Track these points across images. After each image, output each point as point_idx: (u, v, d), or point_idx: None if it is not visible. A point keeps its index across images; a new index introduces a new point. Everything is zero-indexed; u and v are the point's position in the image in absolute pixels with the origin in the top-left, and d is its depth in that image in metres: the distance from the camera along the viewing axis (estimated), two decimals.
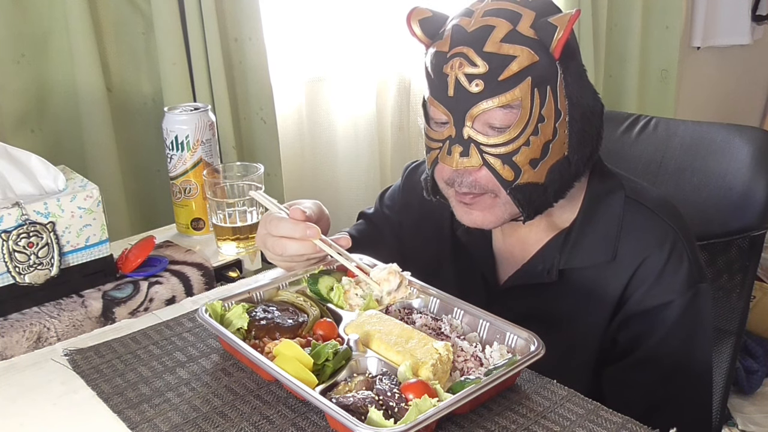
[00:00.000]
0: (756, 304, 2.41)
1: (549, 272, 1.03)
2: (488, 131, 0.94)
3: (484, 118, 0.94)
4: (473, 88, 0.92)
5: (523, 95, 0.92)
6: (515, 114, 0.93)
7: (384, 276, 0.94)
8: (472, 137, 0.94)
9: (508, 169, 0.94)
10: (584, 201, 1.05)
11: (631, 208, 1.03)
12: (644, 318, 1.00)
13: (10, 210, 1.00)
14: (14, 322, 0.99)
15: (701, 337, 1.02)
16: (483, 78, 0.92)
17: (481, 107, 0.93)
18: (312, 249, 0.99)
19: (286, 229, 1.00)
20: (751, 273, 1.27)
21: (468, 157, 0.95)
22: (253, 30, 1.61)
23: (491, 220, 1.00)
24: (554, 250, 1.04)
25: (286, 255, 1.01)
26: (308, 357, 0.79)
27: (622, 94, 2.56)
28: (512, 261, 1.10)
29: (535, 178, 0.96)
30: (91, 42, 1.42)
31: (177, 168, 1.29)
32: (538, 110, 0.93)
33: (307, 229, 0.98)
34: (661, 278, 0.99)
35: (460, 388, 0.75)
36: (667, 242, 1.00)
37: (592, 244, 1.02)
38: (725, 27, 3.00)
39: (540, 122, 0.93)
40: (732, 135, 1.26)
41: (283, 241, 1.00)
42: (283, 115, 1.80)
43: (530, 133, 0.93)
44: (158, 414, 0.79)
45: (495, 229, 1.11)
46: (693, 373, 1.02)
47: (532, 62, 0.92)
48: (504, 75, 0.91)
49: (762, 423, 2.26)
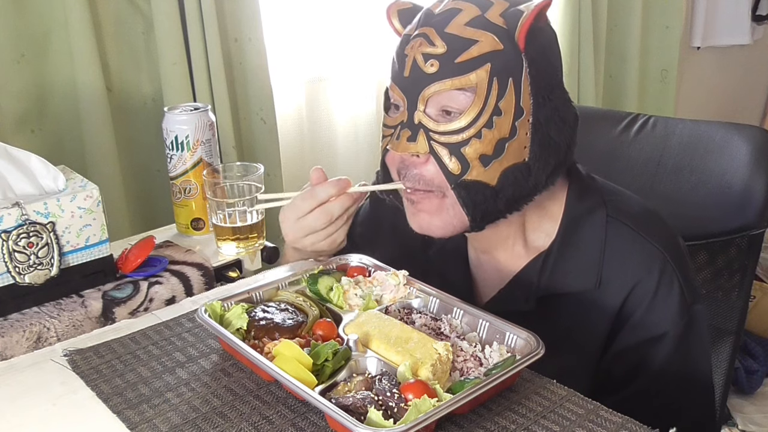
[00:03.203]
0: (755, 304, 2.41)
1: (527, 300, 0.98)
2: (439, 118, 0.90)
3: (437, 100, 0.89)
4: (429, 68, 0.88)
5: (479, 81, 0.87)
6: (468, 99, 0.88)
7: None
8: (423, 122, 0.90)
9: (455, 161, 0.89)
10: (563, 221, 0.99)
11: (613, 230, 0.97)
12: (639, 350, 0.96)
13: (10, 210, 1.00)
14: (14, 322, 0.99)
15: (699, 360, 0.99)
16: (439, 58, 0.88)
17: (432, 89, 0.89)
18: (350, 200, 1.00)
19: (321, 195, 0.99)
20: (750, 272, 1.27)
21: (415, 142, 0.90)
22: (253, 30, 1.61)
23: (438, 225, 0.94)
24: (532, 274, 0.99)
25: (334, 217, 1.00)
26: (308, 357, 0.79)
27: (622, 94, 2.56)
28: (489, 285, 1.05)
29: (485, 177, 0.90)
30: (91, 42, 1.43)
31: (177, 168, 1.29)
32: (495, 101, 0.88)
33: (339, 182, 0.99)
34: (652, 307, 0.95)
35: (460, 388, 0.75)
36: (656, 266, 0.95)
37: (573, 269, 0.97)
38: (725, 27, 3.00)
39: (496, 114, 0.88)
40: (730, 134, 1.26)
41: (324, 207, 0.99)
42: (283, 115, 1.80)
43: (483, 124, 0.88)
44: (158, 414, 0.79)
45: (469, 249, 1.08)
46: (694, 395, 0.99)
47: (494, 49, 0.88)
48: (462, 57, 0.87)
49: (762, 423, 2.26)
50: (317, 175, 1.02)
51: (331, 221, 1.01)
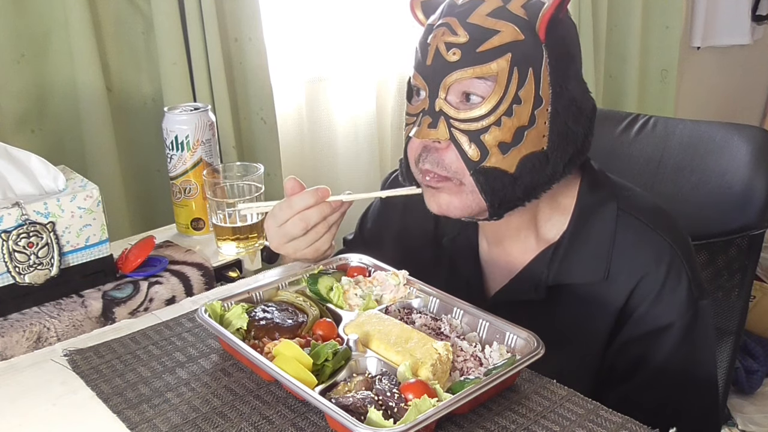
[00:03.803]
0: (755, 304, 2.41)
1: (537, 288, 1.00)
2: (460, 105, 0.91)
3: (458, 88, 0.91)
4: (451, 56, 0.90)
5: (500, 70, 0.89)
6: (489, 87, 0.89)
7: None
8: (443, 109, 0.91)
9: (475, 148, 0.91)
10: (574, 213, 1.00)
11: (623, 223, 0.98)
12: (643, 342, 0.97)
13: (10, 210, 1.00)
14: (14, 322, 1.00)
15: (704, 355, 0.99)
16: (461, 47, 0.90)
17: (454, 76, 0.90)
18: (329, 209, 1.01)
19: (298, 204, 1.00)
20: (750, 272, 1.27)
21: (435, 128, 0.92)
22: (253, 30, 1.61)
23: (456, 206, 0.95)
24: (542, 264, 1.00)
25: (310, 225, 1.01)
26: (308, 357, 0.79)
27: (622, 94, 2.56)
28: (499, 274, 1.06)
29: (504, 165, 0.91)
30: (91, 42, 1.42)
31: (177, 168, 1.29)
32: (515, 89, 0.90)
33: (316, 191, 1.00)
34: (659, 299, 0.96)
35: (460, 388, 0.75)
36: (664, 260, 0.96)
37: (583, 260, 0.98)
38: (725, 27, 3.00)
39: (516, 103, 0.90)
40: (731, 134, 1.26)
41: (302, 214, 1.00)
42: (283, 115, 1.80)
43: (503, 112, 0.90)
44: (158, 414, 0.79)
45: (480, 240, 1.09)
46: (698, 391, 0.99)
47: (515, 39, 0.89)
48: (484, 47, 0.89)
49: (762, 423, 2.26)
50: (291, 185, 1.03)
51: (308, 228, 1.02)
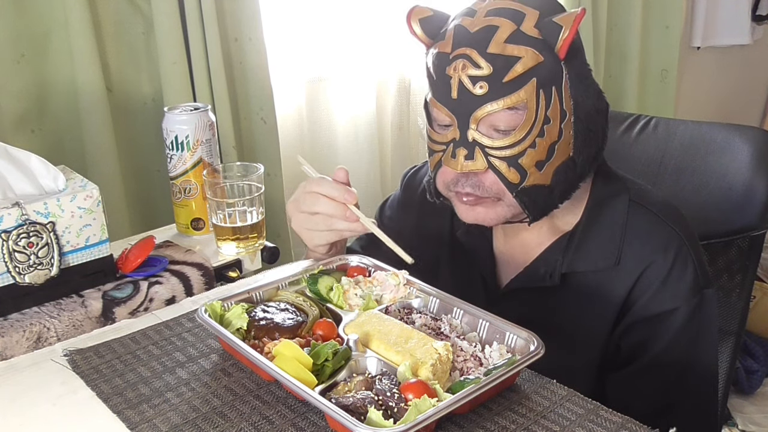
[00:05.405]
0: (756, 304, 2.41)
1: (551, 276, 1.02)
2: (493, 134, 0.93)
3: (489, 121, 0.93)
4: (477, 90, 0.91)
5: (528, 97, 0.91)
6: (521, 116, 0.92)
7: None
8: (477, 140, 0.93)
9: (514, 171, 0.93)
10: (588, 204, 1.04)
11: (635, 213, 1.02)
12: (649, 325, 0.99)
13: (10, 210, 1.00)
14: (14, 322, 0.99)
15: (706, 343, 1.01)
16: (487, 80, 0.91)
17: (486, 110, 0.91)
18: (341, 212, 1.00)
19: (326, 188, 1.01)
20: (751, 273, 1.27)
21: (473, 160, 0.94)
22: (253, 30, 1.61)
23: (492, 218, 0.99)
24: (556, 253, 1.03)
25: (314, 210, 1.01)
26: (308, 357, 0.79)
27: (622, 94, 2.56)
28: (513, 264, 1.09)
29: (541, 180, 0.95)
30: (91, 42, 1.42)
31: (177, 168, 1.29)
32: (544, 112, 0.92)
33: (346, 192, 1.00)
34: (666, 284, 0.98)
35: (460, 388, 0.75)
36: (672, 247, 0.99)
37: (595, 249, 1.01)
38: (725, 27, 3.00)
39: (546, 124, 0.92)
40: (732, 135, 1.26)
41: (319, 197, 1.01)
42: (283, 115, 1.80)
43: (536, 135, 0.92)
44: (158, 414, 0.79)
45: (496, 231, 1.11)
46: (698, 380, 1.00)
47: (537, 63, 0.91)
48: (509, 77, 0.90)
49: (762, 423, 2.26)
50: (339, 173, 1.04)
51: (313, 211, 1.02)
